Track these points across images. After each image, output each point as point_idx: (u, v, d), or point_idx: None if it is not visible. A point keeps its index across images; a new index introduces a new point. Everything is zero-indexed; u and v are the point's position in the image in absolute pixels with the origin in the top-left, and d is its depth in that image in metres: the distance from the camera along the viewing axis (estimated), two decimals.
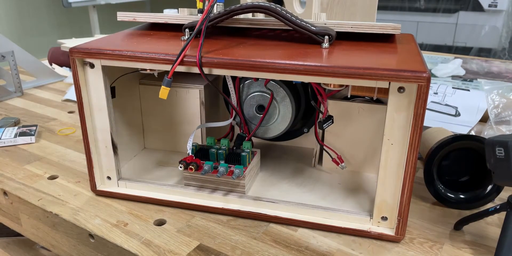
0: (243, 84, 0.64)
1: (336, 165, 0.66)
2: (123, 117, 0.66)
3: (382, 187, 0.51)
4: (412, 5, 2.46)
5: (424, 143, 0.65)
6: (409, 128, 0.48)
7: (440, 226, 0.57)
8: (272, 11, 0.54)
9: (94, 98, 0.57)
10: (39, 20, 2.62)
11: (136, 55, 0.53)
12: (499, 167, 0.49)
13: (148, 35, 0.62)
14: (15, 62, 1.03)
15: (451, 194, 0.60)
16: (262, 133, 0.66)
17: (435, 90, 0.97)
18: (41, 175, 0.69)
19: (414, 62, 0.48)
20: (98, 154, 0.60)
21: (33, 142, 0.80)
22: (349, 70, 0.46)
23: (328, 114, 0.63)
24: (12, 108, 0.98)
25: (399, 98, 0.47)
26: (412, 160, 0.48)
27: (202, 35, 0.51)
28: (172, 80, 0.51)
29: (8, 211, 0.67)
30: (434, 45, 2.44)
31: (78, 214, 0.59)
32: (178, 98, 0.68)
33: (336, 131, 0.65)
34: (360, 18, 0.76)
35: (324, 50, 0.53)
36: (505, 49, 2.34)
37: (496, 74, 1.13)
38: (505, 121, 0.78)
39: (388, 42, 0.58)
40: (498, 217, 0.58)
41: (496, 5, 2.26)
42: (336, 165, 0.66)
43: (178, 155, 0.71)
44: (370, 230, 0.53)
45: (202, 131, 0.70)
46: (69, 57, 0.55)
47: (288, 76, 0.49)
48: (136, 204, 0.61)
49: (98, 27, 2.44)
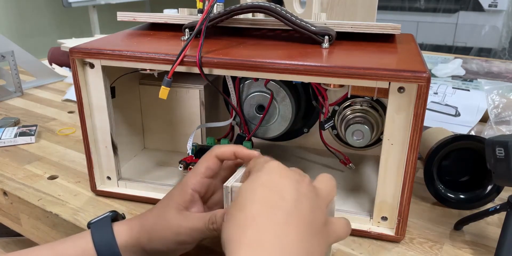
0: (243, 84, 0.64)
1: (344, 165, 0.66)
2: (123, 117, 0.66)
3: (382, 187, 0.51)
4: (412, 5, 2.46)
5: (424, 143, 0.65)
6: (409, 128, 0.47)
7: (440, 226, 0.56)
8: (272, 11, 0.53)
9: (94, 98, 0.57)
10: (39, 20, 2.62)
11: (136, 55, 0.53)
12: (499, 167, 0.49)
13: (148, 35, 0.62)
14: (15, 62, 1.03)
15: (451, 194, 0.60)
16: (262, 133, 0.66)
17: (435, 90, 0.97)
18: (41, 175, 0.69)
19: (414, 62, 0.48)
20: (98, 154, 0.60)
21: (33, 142, 0.80)
22: (349, 70, 0.46)
23: (329, 114, 0.63)
24: (12, 108, 0.98)
25: (399, 98, 0.47)
26: (412, 160, 0.48)
27: (202, 35, 0.51)
28: (172, 80, 0.51)
29: (8, 211, 0.67)
30: (434, 45, 2.44)
31: (78, 214, 0.59)
32: (178, 98, 0.68)
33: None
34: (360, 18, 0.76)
35: (324, 50, 0.53)
36: (505, 49, 2.34)
37: (496, 74, 1.12)
38: (505, 121, 0.77)
39: (388, 42, 0.58)
40: (498, 217, 0.58)
41: (496, 5, 2.26)
42: (344, 166, 0.66)
43: (178, 155, 0.71)
44: (370, 230, 0.53)
45: (202, 131, 0.70)
46: (69, 57, 0.55)
47: (288, 76, 0.49)
48: (136, 204, 0.61)
49: (98, 27, 2.44)
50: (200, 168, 0.47)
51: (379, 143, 0.67)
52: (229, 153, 0.47)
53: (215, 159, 0.47)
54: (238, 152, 0.47)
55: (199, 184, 0.47)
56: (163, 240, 0.45)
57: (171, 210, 0.46)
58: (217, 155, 0.47)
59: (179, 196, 0.47)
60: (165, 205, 0.47)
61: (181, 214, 0.46)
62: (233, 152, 0.47)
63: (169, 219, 0.46)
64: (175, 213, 0.46)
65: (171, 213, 0.46)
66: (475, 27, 2.35)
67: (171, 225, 0.45)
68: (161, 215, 0.47)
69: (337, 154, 0.67)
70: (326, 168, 0.68)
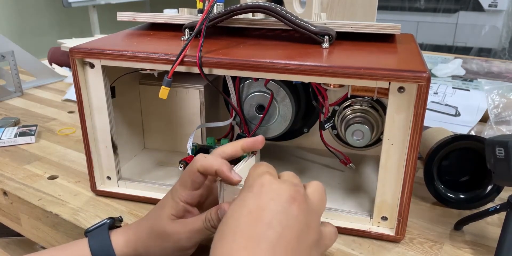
0: (243, 84, 0.64)
1: (344, 165, 0.66)
2: (123, 117, 0.66)
3: (382, 187, 0.51)
4: (412, 5, 2.45)
5: (424, 143, 0.65)
6: (409, 128, 0.47)
7: (440, 226, 0.56)
8: (272, 11, 0.53)
9: (94, 98, 0.57)
10: (39, 20, 2.62)
11: (136, 55, 0.53)
12: (499, 167, 0.49)
13: (148, 35, 0.62)
14: (15, 62, 1.03)
15: (451, 194, 0.60)
16: (262, 133, 0.66)
17: (435, 90, 0.97)
18: (41, 175, 0.69)
19: (414, 62, 0.48)
20: (98, 154, 0.60)
21: (33, 142, 0.80)
22: (349, 70, 0.46)
23: (329, 114, 0.63)
24: (12, 108, 0.98)
25: (399, 98, 0.47)
26: (412, 160, 0.48)
27: (202, 35, 0.51)
28: (172, 80, 0.51)
29: (8, 211, 0.67)
30: (434, 45, 2.43)
31: (78, 214, 0.59)
32: (178, 98, 0.68)
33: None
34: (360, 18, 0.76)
35: (324, 50, 0.53)
36: (505, 49, 2.33)
37: (496, 74, 1.12)
38: (505, 121, 0.78)
39: (388, 42, 0.58)
40: (498, 217, 0.58)
41: (496, 5, 2.26)
42: (344, 166, 0.66)
43: (178, 155, 0.71)
44: (370, 230, 0.53)
45: (202, 131, 0.70)
46: (69, 57, 0.55)
47: (288, 76, 0.49)
48: (136, 204, 0.61)
49: (98, 27, 2.44)
50: (186, 182, 0.46)
51: (379, 143, 0.67)
52: (211, 171, 0.44)
53: (198, 173, 0.45)
54: (219, 172, 0.43)
55: (190, 197, 0.46)
56: (162, 250, 0.46)
57: (166, 220, 0.46)
58: (199, 170, 0.45)
59: (172, 208, 0.46)
60: (159, 216, 0.47)
61: (176, 222, 0.46)
62: (215, 170, 0.44)
63: (166, 229, 0.45)
64: (171, 223, 0.46)
65: (167, 223, 0.46)
66: (475, 27, 2.35)
67: (169, 234, 0.45)
68: (157, 225, 0.46)
69: (337, 154, 0.67)
70: (326, 168, 0.68)
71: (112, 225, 0.49)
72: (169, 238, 0.45)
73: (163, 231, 0.45)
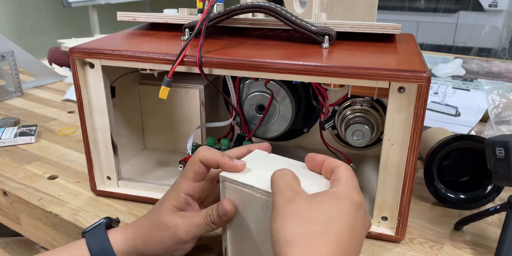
0: (243, 84, 0.64)
1: None
2: (123, 117, 0.66)
3: (382, 187, 0.51)
4: (412, 5, 2.46)
5: (424, 143, 0.65)
6: (409, 128, 0.47)
7: (440, 226, 0.56)
8: (272, 11, 0.53)
9: (94, 98, 0.57)
10: (39, 20, 2.62)
11: (136, 55, 0.53)
12: (499, 167, 0.49)
13: (148, 35, 0.62)
14: (15, 62, 1.03)
15: (451, 194, 0.60)
16: (262, 133, 0.66)
17: (435, 90, 0.97)
18: (41, 175, 0.69)
19: (414, 62, 0.48)
20: (98, 154, 0.60)
21: (33, 142, 0.80)
22: (349, 70, 0.46)
23: (329, 114, 0.63)
24: (12, 108, 0.98)
25: (399, 98, 0.47)
26: (412, 160, 0.48)
27: (202, 35, 0.51)
28: (172, 80, 0.51)
29: (8, 211, 0.67)
30: (434, 45, 2.43)
31: (78, 214, 0.59)
32: (178, 98, 0.68)
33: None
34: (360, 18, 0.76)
35: (324, 50, 0.53)
36: (505, 49, 2.34)
37: (496, 74, 1.12)
38: (505, 121, 0.78)
39: (388, 42, 0.58)
40: (498, 217, 0.57)
41: (496, 5, 2.26)
42: None
43: (178, 155, 0.71)
44: (370, 230, 0.53)
45: (202, 131, 0.70)
46: (69, 57, 0.55)
47: (288, 76, 0.49)
48: (136, 204, 0.61)
49: (98, 27, 2.44)
50: (189, 172, 0.47)
51: (379, 143, 0.67)
52: (213, 162, 0.46)
53: (200, 163, 0.46)
54: (222, 164, 0.45)
55: (191, 188, 0.47)
56: (160, 243, 0.46)
57: (167, 212, 0.46)
58: (201, 160, 0.46)
59: (174, 199, 0.47)
60: (160, 208, 0.47)
61: (177, 214, 0.46)
62: (217, 162, 0.45)
63: (165, 220, 0.46)
64: (171, 214, 0.46)
65: (167, 215, 0.46)
66: (475, 27, 2.35)
67: (168, 225, 0.45)
68: (157, 218, 0.47)
69: (337, 154, 0.67)
70: None
71: (109, 224, 0.49)
72: (168, 229, 0.45)
73: (162, 223, 0.46)
